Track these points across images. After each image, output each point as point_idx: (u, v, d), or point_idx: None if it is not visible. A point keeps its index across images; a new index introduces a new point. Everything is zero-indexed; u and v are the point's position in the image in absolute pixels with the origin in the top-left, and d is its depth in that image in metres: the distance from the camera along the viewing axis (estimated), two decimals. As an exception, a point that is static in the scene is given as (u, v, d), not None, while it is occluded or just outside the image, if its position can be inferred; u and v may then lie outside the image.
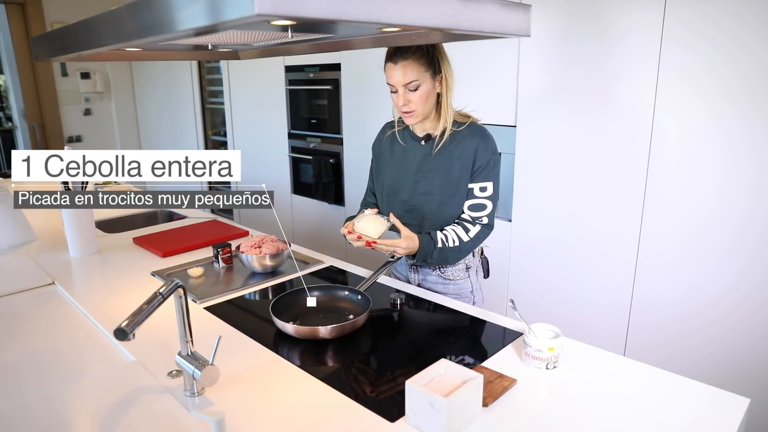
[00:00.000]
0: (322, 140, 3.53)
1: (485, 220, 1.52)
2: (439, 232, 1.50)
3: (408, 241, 1.43)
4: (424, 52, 1.41)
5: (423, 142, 1.55)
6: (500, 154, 1.54)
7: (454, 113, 1.52)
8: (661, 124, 2.00)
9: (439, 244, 1.47)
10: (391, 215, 1.47)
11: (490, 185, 1.51)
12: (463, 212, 1.53)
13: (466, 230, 1.51)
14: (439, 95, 1.47)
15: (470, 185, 1.50)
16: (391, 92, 1.47)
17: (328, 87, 3.35)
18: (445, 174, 1.51)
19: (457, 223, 1.53)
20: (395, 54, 1.41)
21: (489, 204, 1.51)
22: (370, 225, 1.45)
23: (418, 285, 1.64)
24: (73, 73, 4.91)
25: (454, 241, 1.49)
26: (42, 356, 1.24)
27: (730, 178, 1.88)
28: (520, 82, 2.38)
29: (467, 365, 1.02)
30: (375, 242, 1.42)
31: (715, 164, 1.90)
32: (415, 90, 1.42)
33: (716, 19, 1.81)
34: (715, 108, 1.87)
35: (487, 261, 1.68)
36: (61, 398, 1.06)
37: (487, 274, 1.69)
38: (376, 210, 1.52)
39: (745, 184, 1.85)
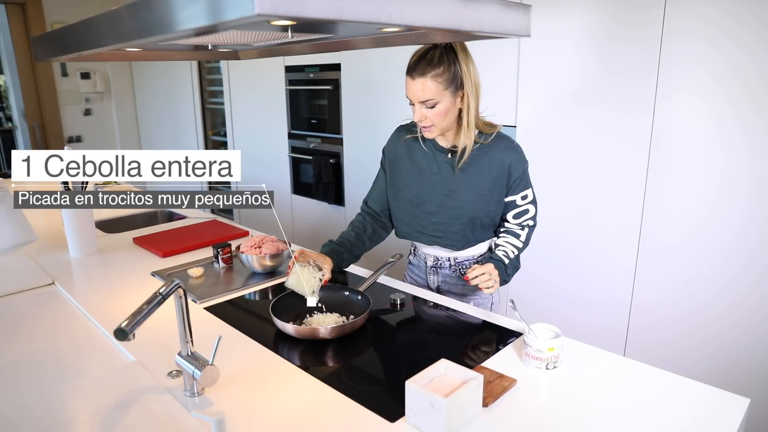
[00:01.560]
0: (322, 140, 3.53)
1: (531, 222, 1.55)
2: (497, 251, 1.50)
3: (486, 268, 1.38)
4: (446, 68, 1.32)
5: (449, 155, 1.48)
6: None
7: (484, 123, 1.46)
8: (660, 123, 2.00)
9: (506, 261, 1.48)
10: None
11: (529, 191, 1.51)
12: (507, 221, 1.54)
13: (517, 236, 1.53)
14: (461, 110, 1.40)
15: (511, 197, 1.50)
16: (409, 104, 1.40)
17: (328, 87, 3.35)
18: (476, 189, 1.46)
19: (504, 233, 1.54)
20: (414, 68, 1.34)
21: (532, 208, 1.53)
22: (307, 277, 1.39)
23: (437, 288, 1.63)
24: (73, 73, 4.91)
25: (513, 252, 1.50)
26: (42, 356, 1.24)
27: (730, 178, 1.88)
28: (520, 82, 2.39)
29: (467, 365, 1.02)
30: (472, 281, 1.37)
31: (715, 164, 1.90)
32: (433, 107, 1.35)
33: (716, 20, 1.81)
34: (715, 108, 1.87)
35: None
36: (61, 398, 1.06)
37: None
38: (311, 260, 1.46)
39: (745, 184, 1.85)
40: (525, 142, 2.42)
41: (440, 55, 1.32)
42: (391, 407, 1.00)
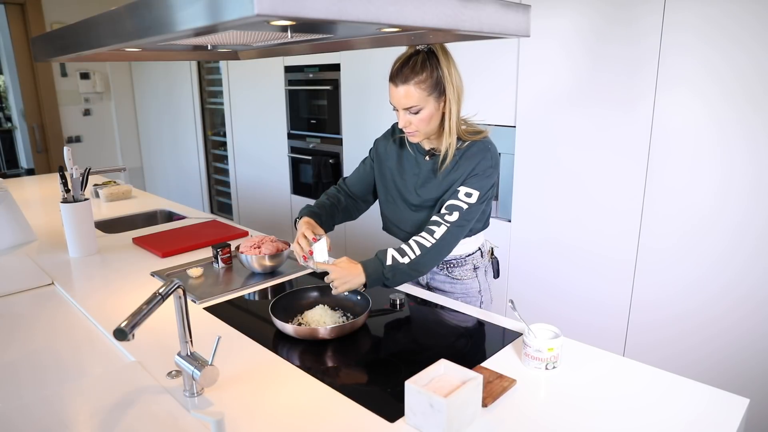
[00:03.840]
0: (321, 140, 3.53)
1: (454, 221, 1.38)
2: (391, 250, 1.38)
3: (344, 265, 1.34)
4: (428, 74, 1.32)
5: (426, 157, 1.49)
6: (498, 175, 1.49)
7: (464, 130, 1.44)
8: (660, 123, 2.00)
9: (389, 261, 1.35)
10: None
11: (476, 194, 1.40)
12: (438, 210, 1.44)
13: (431, 232, 1.38)
14: (444, 114, 1.39)
15: (459, 187, 1.41)
16: (393, 109, 1.40)
17: (327, 87, 3.35)
18: (452, 190, 1.43)
19: (426, 228, 1.42)
20: (397, 75, 1.33)
21: (465, 208, 1.39)
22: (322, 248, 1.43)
23: (427, 284, 1.64)
24: (72, 74, 4.90)
25: (414, 252, 1.36)
26: (41, 356, 1.24)
27: (729, 178, 1.88)
28: (519, 83, 2.39)
29: (467, 365, 1.02)
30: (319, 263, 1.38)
31: (714, 164, 1.90)
32: (417, 113, 1.35)
33: (715, 20, 1.81)
34: (714, 108, 1.87)
35: (497, 261, 1.66)
36: (61, 398, 1.06)
37: (497, 275, 1.67)
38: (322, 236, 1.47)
39: (744, 184, 1.85)
40: (524, 142, 2.42)
41: (423, 61, 1.32)
42: (391, 407, 1.00)
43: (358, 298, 1.42)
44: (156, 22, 0.83)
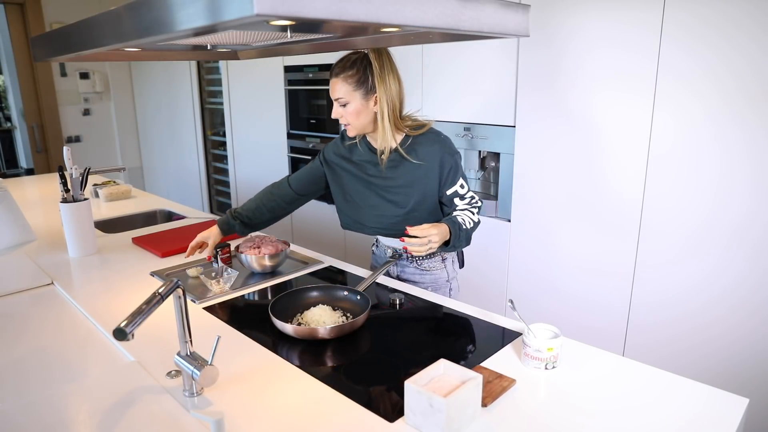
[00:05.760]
0: (321, 140, 3.53)
1: (479, 204, 1.58)
2: (456, 216, 1.51)
3: (438, 227, 1.41)
4: (356, 71, 1.44)
5: (380, 155, 1.56)
6: (459, 152, 1.59)
7: (410, 124, 1.53)
8: (659, 124, 2.00)
9: (464, 227, 1.49)
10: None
11: (464, 182, 1.56)
12: (454, 207, 1.56)
13: (473, 213, 1.56)
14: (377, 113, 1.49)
15: (451, 189, 1.54)
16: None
17: (327, 87, 3.34)
18: (409, 183, 1.54)
19: (461, 210, 1.55)
20: (332, 69, 1.47)
21: (471, 192, 1.57)
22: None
23: (398, 276, 1.70)
24: (72, 74, 4.90)
25: (470, 223, 1.52)
26: (41, 357, 1.24)
27: (728, 178, 1.88)
28: (519, 83, 2.39)
29: (466, 365, 1.02)
30: (408, 236, 1.39)
31: (713, 164, 1.90)
32: (344, 106, 1.47)
33: (713, 22, 1.82)
34: (713, 109, 1.87)
35: (462, 252, 1.75)
36: (60, 398, 1.06)
37: (461, 265, 1.75)
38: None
39: (743, 184, 1.85)
40: (524, 141, 2.43)
41: (354, 60, 1.45)
42: (391, 407, 1.01)
43: (358, 298, 1.42)
44: (156, 22, 0.83)
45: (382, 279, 1.64)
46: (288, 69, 3.61)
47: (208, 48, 1.45)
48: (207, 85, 4.57)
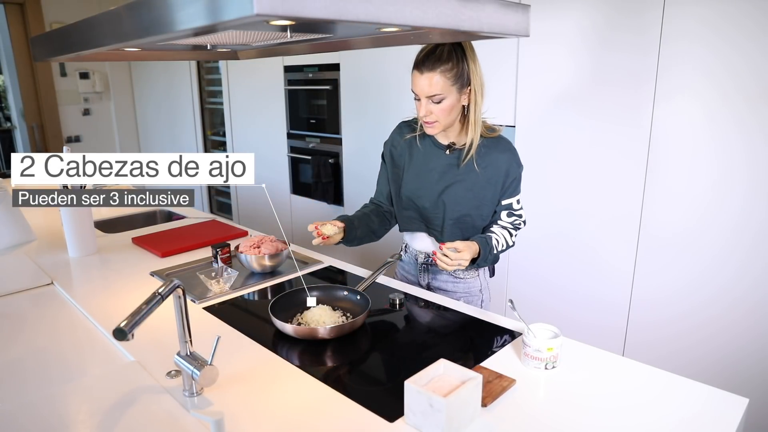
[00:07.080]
0: (321, 140, 3.53)
1: (522, 226, 1.57)
2: (491, 233, 1.49)
3: (470, 248, 1.39)
4: (454, 63, 1.33)
5: (447, 152, 1.49)
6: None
7: (486, 125, 1.47)
8: (659, 123, 2.00)
9: (495, 251, 1.46)
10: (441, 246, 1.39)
11: (520, 196, 1.54)
12: (501, 219, 1.53)
13: (510, 234, 1.53)
14: (465, 107, 1.41)
15: (508, 200, 1.51)
16: (414, 99, 1.40)
17: (327, 87, 3.35)
18: (470, 186, 1.47)
19: (500, 227, 1.52)
20: (423, 63, 1.34)
21: (523, 213, 1.56)
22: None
23: (428, 285, 1.64)
24: (72, 74, 4.90)
25: (503, 245, 1.50)
26: (41, 356, 1.24)
27: (727, 177, 1.88)
28: (519, 82, 2.39)
29: (466, 365, 1.02)
30: (437, 253, 1.38)
31: (712, 163, 1.91)
32: (439, 102, 1.36)
33: (712, 23, 1.82)
34: (711, 109, 1.87)
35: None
36: (60, 398, 1.06)
37: (492, 273, 1.69)
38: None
39: (742, 183, 1.85)
40: (524, 141, 2.42)
41: (449, 52, 1.33)
42: (390, 407, 1.00)
43: (358, 297, 1.42)
44: (155, 21, 0.83)
45: (382, 279, 1.64)
46: (288, 69, 3.61)
47: (208, 48, 1.45)
48: (207, 85, 4.57)
